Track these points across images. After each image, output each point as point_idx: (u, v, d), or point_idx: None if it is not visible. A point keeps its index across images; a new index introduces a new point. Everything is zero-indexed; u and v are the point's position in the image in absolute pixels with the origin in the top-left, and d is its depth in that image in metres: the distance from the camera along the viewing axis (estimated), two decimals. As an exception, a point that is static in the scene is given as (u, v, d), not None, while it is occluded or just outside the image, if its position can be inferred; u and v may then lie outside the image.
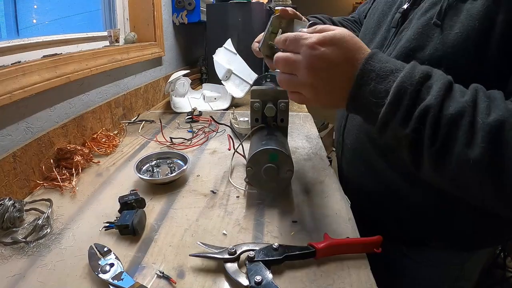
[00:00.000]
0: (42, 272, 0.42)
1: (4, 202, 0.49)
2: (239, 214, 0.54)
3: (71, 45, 0.90)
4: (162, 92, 1.30)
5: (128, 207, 0.53)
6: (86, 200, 0.59)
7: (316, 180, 0.65)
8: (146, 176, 0.64)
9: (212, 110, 1.17)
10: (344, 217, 0.53)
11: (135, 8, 1.20)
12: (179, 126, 0.98)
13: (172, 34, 1.45)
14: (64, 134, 0.72)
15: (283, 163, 0.55)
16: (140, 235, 0.49)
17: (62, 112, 0.75)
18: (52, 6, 0.90)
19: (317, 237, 0.48)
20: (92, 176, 0.67)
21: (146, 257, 0.45)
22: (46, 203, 0.56)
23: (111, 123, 0.92)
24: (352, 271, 0.42)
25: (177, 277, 0.41)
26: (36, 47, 0.77)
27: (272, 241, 0.47)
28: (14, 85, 0.59)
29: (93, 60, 0.84)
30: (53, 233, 0.49)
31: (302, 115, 1.09)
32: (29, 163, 0.61)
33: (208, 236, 0.49)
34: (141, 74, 1.17)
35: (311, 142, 0.86)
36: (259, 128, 0.65)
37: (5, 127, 0.59)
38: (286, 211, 0.55)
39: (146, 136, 0.89)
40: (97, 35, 1.04)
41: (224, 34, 1.35)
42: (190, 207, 0.56)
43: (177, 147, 0.82)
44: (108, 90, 0.95)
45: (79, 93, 0.82)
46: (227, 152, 0.79)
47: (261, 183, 0.57)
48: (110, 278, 0.40)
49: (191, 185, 0.64)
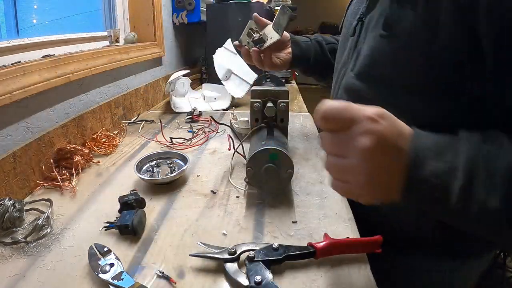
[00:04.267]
0: (42, 272, 0.42)
1: (4, 202, 0.49)
2: (239, 214, 0.54)
3: (71, 45, 0.90)
4: (162, 92, 1.30)
5: (128, 207, 0.53)
6: (86, 200, 0.59)
7: (316, 180, 0.65)
8: (146, 176, 0.64)
9: (212, 110, 1.17)
10: (344, 217, 0.53)
11: (135, 8, 1.20)
12: (179, 126, 0.98)
13: (172, 34, 1.45)
14: (64, 134, 0.72)
15: (283, 163, 0.55)
16: (140, 235, 0.49)
17: (62, 112, 0.75)
18: (52, 6, 0.90)
19: (317, 237, 0.48)
20: (92, 176, 0.67)
21: (146, 257, 0.45)
22: (46, 203, 0.56)
23: (111, 123, 0.92)
24: (352, 271, 0.42)
25: (177, 277, 0.41)
26: (36, 47, 0.77)
27: (272, 241, 0.47)
28: (14, 85, 0.59)
29: (93, 60, 0.84)
30: (53, 233, 0.49)
31: (302, 115, 1.09)
32: (29, 163, 0.61)
33: (208, 236, 0.49)
34: (141, 74, 1.17)
35: (311, 142, 0.86)
36: (259, 128, 0.65)
37: (5, 127, 0.59)
38: (286, 211, 0.55)
39: (146, 136, 0.89)
40: (97, 35, 1.04)
41: (224, 34, 1.35)
42: (190, 207, 0.56)
43: (177, 147, 0.82)
44: (108, 90, 0.95)
45: (79, 93, 0.82)
46: (227, 152, 0.79)
47: (261, 183, 0.57)
48: (110, 278, 0.40)
49: (191, 185, 0.64)
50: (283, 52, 0.79)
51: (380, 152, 0.31)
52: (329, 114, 0.32)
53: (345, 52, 0.62)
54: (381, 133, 0.31)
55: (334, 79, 0.67)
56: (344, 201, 0.58)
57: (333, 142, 0.34)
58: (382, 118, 0.32)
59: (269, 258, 0.42)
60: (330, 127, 0.33)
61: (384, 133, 0.31)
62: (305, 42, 0.81)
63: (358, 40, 0.56)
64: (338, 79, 0.63)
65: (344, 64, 0.61)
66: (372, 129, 0.31)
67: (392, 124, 0.32)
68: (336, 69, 0.68)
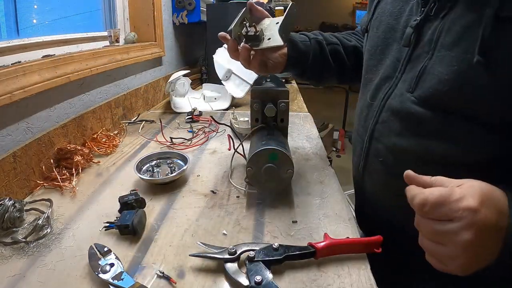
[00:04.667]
0: (42, 272, 0.42)
1: (4, 202, 0.49)
2: (239, 214, 0.54)
3: (71, 45, 0.90)
4: (162, 92, 1.30)
5: (128, 207, 0.53)
6: (86, 200, 0.59)
7: (316, 180, 0.65)
8: (146, 176, 0.64)
9: (212, 110, 1.17)
10: (344, 217, 0.53)
11: (135, 8, 1.20)
12: (179, 126, 0.98)
13: (172, 34, 1.45)
14: (64, 134, 0.72)
15: (283, 163, 0.55)
16: (140, 235, 0.49)
17: (62, 112, 0.75)
18: (52, 6, 0.90)
19: (317, 237, 0.48)
20: (92, 176, 0.67)
21: (146, 257, 0.45)
22: (46, 203, 0.56)
23: (111, 123, 0.92)
24: (352, 271, 0.42)
25: (177, 277, 0.41)
26: (36, 47, 0.77)
27: (272, 241, 0.47)
28: (14, 85, 0.59)
29: (93, 60, 0.84)
30: (53, 233, 0.49)
31: (302, 115, 1.09)
32: (29, 163, 0.61)
33: (208, 236, 0.49)
34: (141, 74, 1.17)
35: (311, 142, 0.86)
36: (259, 128, 0.65)
37: (5, 127, 0.59)
38: (286, 211, 0.55)
39: (146, 136, 0.89)
40: (97, 35, 1.04)
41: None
42: (190, 207, 0.56)
43: (177, 147, 0.82)
44: (108, 90, 0.95)
45: (79, 93, 0.82)
46: (227, 152, 0.79)
47: (261, 183, 0.57)
48: (110, 278, 0.40)
49: (191, 185, 0.64)
50: (277, 53, 0.63)
51: (480, 240, 0.31)
52: (428, 205, 0.31)
53: (385, 62, 0.52)
54: (483, 222, 0.30)
55: (367, 92, 0.57)
56: (344, 201, 0.58)
57: (432, 230, 0.33)
58: (482, 205, 0.31)
59: (269, 258, 0.42)
60: (429, 216, 0.32)
61: (485, 222, 0.30)
62: (304, 42, 0.67)
63: (413, 53, 0.47)
64: (377, 94, 0.53)
65: (387, 78, 0.51)
66: (474, 221, 0.30)
67: (492, 205, 0.31)
68: (368, 79, 0.58)
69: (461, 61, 0.38)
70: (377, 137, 0.53)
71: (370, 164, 0.56)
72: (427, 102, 0.44)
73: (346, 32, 0.76)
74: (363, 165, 0.58)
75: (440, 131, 0.44)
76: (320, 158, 0.76)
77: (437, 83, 0.41)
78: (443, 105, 0.42)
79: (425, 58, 0.44)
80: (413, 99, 0.46)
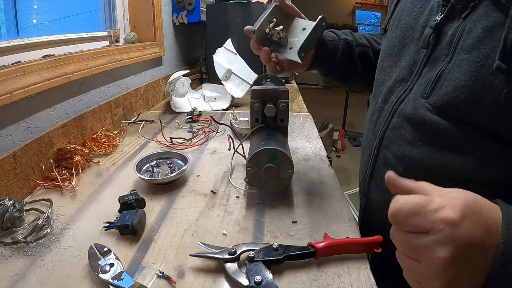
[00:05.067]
0: (42, 272, 0.42)
1: (4, 202, 0.49)
2: (239, 214, 0.55)
3: (71, 45, 0.90)
4: (162, 92, 1.30)
5: (128, 207, 0.53)
6: (86, 200, 0.59)
7: (316, 180, 0.65)
8: (146, 176, 0.64)
9: (212, 110, 1.17)
10: (344, 217, 0.53)
11: (135, 8, 1.20)
12: (179, 126, 0.98)
13: (172, 34, 1.45)
14: (64, 134, 0.72)
15: (283, 163, 0.55)
16: (140, 235, 0.49)
17: (62, 112, 0.75)
18: (52, 6, 0.90)
19: (317, 237, 0.48)
20: (92, 176, 0.67)
21: (146, 257, 0.45)
22: (46, 203, 0.56)
23: (111, 123, 0.92)
24: (352, 271, 0.42)
25: (177, 277, 0.41)
26: (36, 47, 0.77)
27: (272, 241, 0.47)
28: (14, 85, 0.59)
29: (93, 60, 0.84)
30: (53, 233, 0.49)
31: (302, 115, 1.09)
32: (29, 163, 0.61)
33: (208, 236, 0.49)
34: (141, 74, 1.17)
35: (311, 142, 0.86)
36: (259, 128, 0.65)
37: (5, 127, 0.59)
38: (286, 211, 0.55)
39: (146, 136, 0.89)
40: (97, 35, 1.04)
41: (224, 34, 1.35)
42: (190, 207, 0.56)
43: (177, 147, 0.82)
44: (108, 90, 0.95)
45: (79, 93, 0.82)
46: (227, 152, 0.79)
47: (261, 183, 0.57)
48: (110, 278, 0.40)
49: (191, 185, 0.64)
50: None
51: (461, 260, 0.27)
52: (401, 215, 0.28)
53: (400, 64, 0.48)
54: (462, 239, 0.26)
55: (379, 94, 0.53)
56: (344, 201, 0.58)
57: (406, 243, 0.29)
58: (464, 219, 0.27)
59: (269, 258, 0.42)
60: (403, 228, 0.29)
61: (466, 238, 0.26)
62: (333, 41, 0.63)
63: (431, 55, 0.43)
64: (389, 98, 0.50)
65: (401, 81, 0.48)
66: (452, 237, 0.26)
67: (477, 220, 0.27)
68: (381, 81, 0.54)
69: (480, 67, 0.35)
70: (387, 145, 0.49)
71: (377, 172, 0.52)
72: (442, 110, 0.40)
73: (377, 34, 0.73)
74: (370, 172, 0.54)
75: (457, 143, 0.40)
76: (320, 158, 0.76)
77: (454, 90, 0.38)
78: (459, 114, 0.38)
79: (444, 61, 0.40)
80: (427, 106, 0.42)
